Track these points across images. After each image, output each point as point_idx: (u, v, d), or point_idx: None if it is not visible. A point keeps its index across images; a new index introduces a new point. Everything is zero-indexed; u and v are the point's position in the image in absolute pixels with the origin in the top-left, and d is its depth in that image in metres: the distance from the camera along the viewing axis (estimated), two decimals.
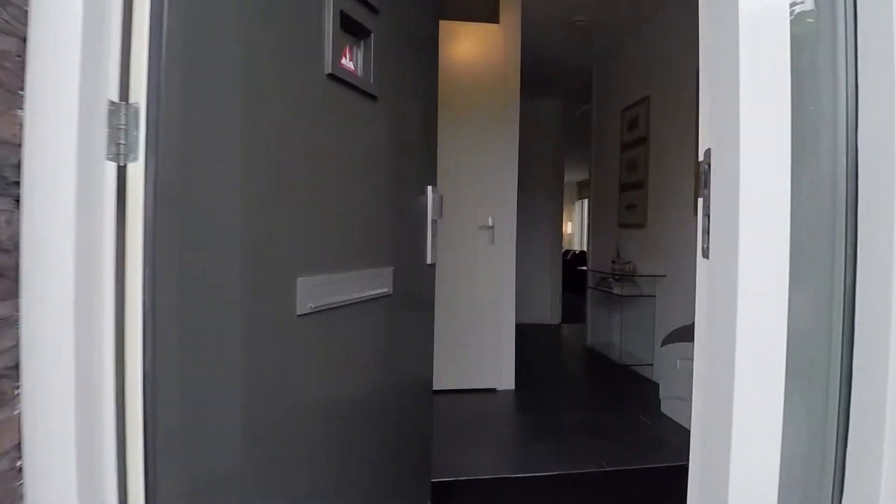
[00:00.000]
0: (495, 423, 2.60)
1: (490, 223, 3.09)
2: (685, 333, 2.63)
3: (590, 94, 4.82)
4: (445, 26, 2.96)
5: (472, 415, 2.71)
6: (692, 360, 2.52)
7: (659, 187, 3.47)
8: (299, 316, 0.94)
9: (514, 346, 3.17)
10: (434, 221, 1.43)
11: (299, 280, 0.93)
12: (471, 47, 3.06)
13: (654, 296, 3.51)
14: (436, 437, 2.38)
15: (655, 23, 3.54)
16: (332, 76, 1.02)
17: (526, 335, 4.82)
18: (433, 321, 1.56)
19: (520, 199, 3.18)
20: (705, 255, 0.79)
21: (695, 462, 0.86)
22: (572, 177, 11.86)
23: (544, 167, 5.60)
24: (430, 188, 1.40)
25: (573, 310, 5.96)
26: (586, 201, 12.50)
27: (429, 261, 1.43)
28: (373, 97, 1.16)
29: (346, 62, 1.10)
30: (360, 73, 1.13)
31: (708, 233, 0.79)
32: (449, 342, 3.05)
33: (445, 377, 3.04)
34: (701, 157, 0.81)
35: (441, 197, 1.44)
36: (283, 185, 0.90)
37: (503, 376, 3.14)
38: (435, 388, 3.02)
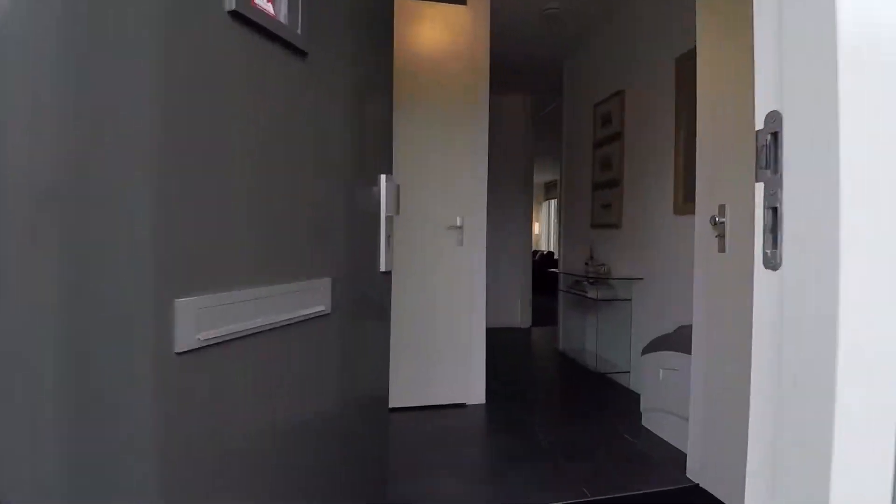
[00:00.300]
0: (465, 446, 2.34)
1: (458, 223, 2.83)
2: (667, 342, 2.44)
3: (559, 90, 4.64)
4: (406, 5, 2.69)
5: (440, 436, 2.44)
6: (676, 370, 2.32)
7: (635, 185, 3.29)
8: (180, 354, 0.64)
9: (485, 356, 2.91)
10: (389, 219, 1.15)
11: (179, 303, 0.64)
12: (435, 30, 2.79)
13: (629, 299, 3.33)
14: (399, 463, 2.10)
15: (629, 12, 3.36)
16: (237, 15, 0.73)
17: (496, 340, 4.57)
18: (388, 338, 1.28)
19: (489, 199, 2.93)
20: (770, 263, 0.55)
21: None
22: (539, 177, 11.76)
23: (513, 165, 5.39)
24: (383, 177, 1.12)
25: (543, 312, 5.78)
26: (554, 202, 12.47)
27: (383, 268, 1.14)
28: (301, 53, 0.87)
29: (262, 2, 0.81)
30: (282, 18, 0.84)
31: (774, 232, 0.54)
32: (413, 354, 2.77)
33: (410, 393, 2.76)
34: (760, 125, 0.56)
35: (398, 187, 1.16)
36: (147, 161, 0.61)
37: (473, 390, 2.88)
38: (399, 405, 2.75)
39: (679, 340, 2.34)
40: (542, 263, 8.70)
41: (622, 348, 3.42)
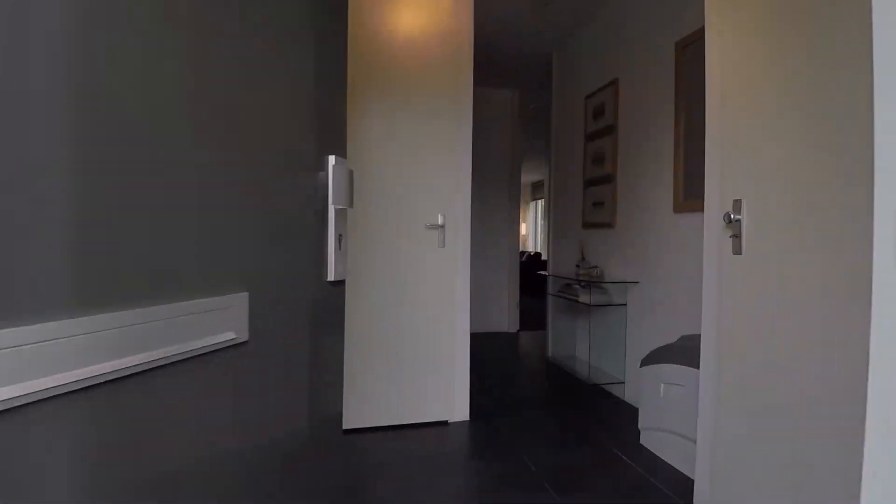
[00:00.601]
0: (447, 474, 2.08)
1: (440, 221, 2.57)
2: (669, 353, 2.21)
3: (548, 86, 4.41)
4: None
5: (418, 461, 2.18)
6: (680, 385, 2.08)
7: (630, 181, 3.08)
8: None
9: (469, 366, 2.66)
10: (340, 213, 0.89)
11: None
12: (415, 10, 2.53)
13: (624, 304, 3.11)
14: (368, 492, 1.84)
15: None
16: None
17: (481, 346, 4.32)
18: (341, 360, 1.03)
19: (473, 197, 2.68)
20: None
21: None
22: (525, 177, 11.55)
23: (499, 162, 5.16)
24: (331, 158, 0.87)
25: (531, 315, 5.56)
26: (541, 202, 12.26)
27: (332, 276, 0.89)
28: None
29: None
30: None
31: None
32: (389, 367, 2.51)
33: (386, 411, 2.50)
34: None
35: (351, 173, 0.90)
36: None
37: (456, 405, 2.63)
38: (373, 424, 2.48)
39: (683, 352, 2.12)
40: (530, 265, 8.49)
41: (616, 357, 3.19)
